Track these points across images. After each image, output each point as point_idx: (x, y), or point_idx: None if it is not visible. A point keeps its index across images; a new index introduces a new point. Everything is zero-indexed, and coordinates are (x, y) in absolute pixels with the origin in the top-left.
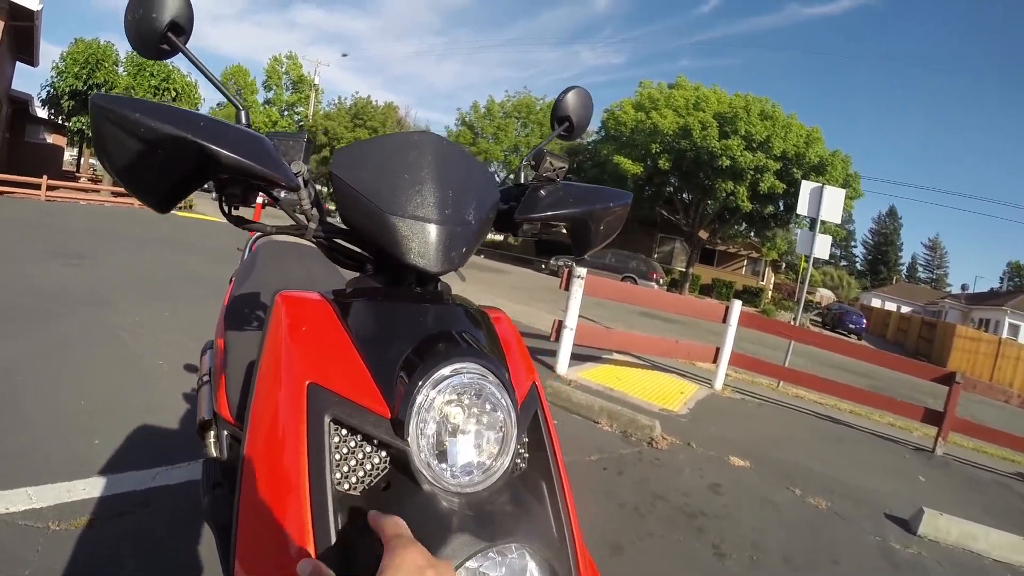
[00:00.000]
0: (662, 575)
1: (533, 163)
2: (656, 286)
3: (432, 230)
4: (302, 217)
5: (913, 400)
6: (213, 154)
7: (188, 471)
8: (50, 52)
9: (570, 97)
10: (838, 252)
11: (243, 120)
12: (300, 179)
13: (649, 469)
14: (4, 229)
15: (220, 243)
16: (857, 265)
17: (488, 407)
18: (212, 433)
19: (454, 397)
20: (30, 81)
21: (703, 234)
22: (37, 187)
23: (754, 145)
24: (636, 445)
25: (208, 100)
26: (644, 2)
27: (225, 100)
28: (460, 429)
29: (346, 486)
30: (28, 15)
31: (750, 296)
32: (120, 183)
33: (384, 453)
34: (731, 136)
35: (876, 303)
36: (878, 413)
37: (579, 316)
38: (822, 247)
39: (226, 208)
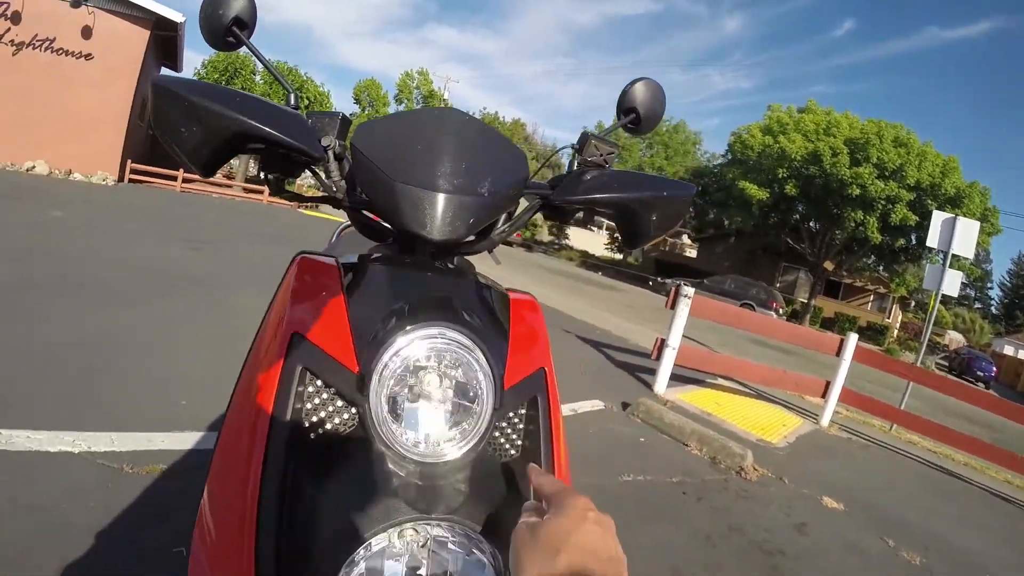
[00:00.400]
0: None
1: (578, 147)
2: (775, 316)
3: (437, 198)
4: (332, 186)
5: None
6: (244, 126)
7: None
8: (192, 60)
9: (638, 87)
10: (972, 293)
11: (291, 101)
12: (331, 152)
13: (732, 499)
14: (142, 215)
15: (324, 234)
16: (992, 308)
17: (466, 378)
18: None
19: (429, 362)
20: None
21: (828, 265)
22: (174, 179)
23: (886, 174)
24: (723, 473)
25: (342, 110)
26: (776, 26)
27: (358, 112)
28: (426, 395)
29: (310, 435)
30: (172, 26)
31: (874, 333)
32: (169, 147)
33: (352, 410)
34: (862, 163)
35: (1009, 351)
36: (995, 469)
37: (690, 339)
38: (952, 283)
39: (267, 177)
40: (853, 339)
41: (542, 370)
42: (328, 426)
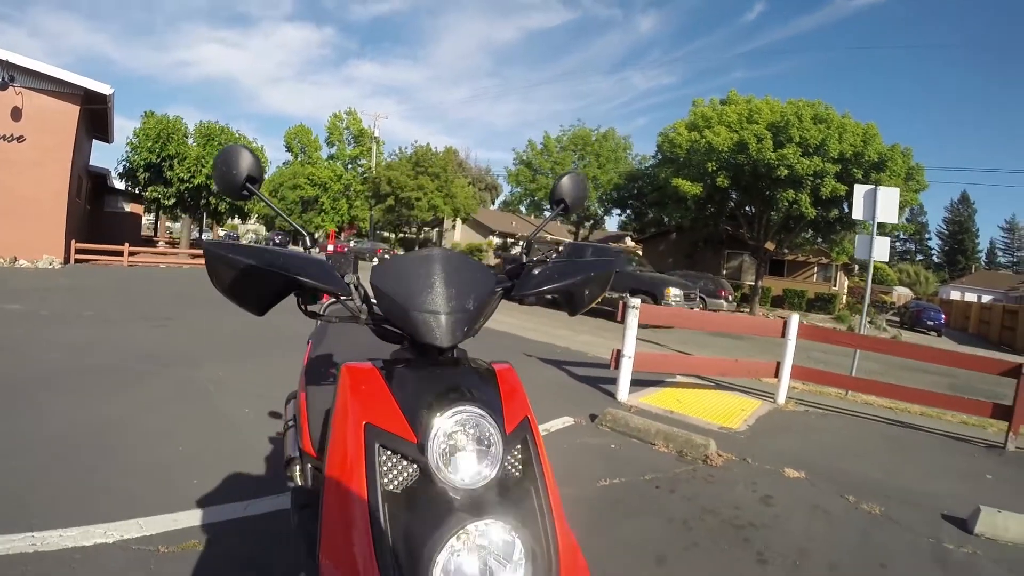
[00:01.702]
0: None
1: (526, 249)
2: (725, 303)
3: (441, 319)
4: (355, 310)
5: (996, 394)
6: (290, 280)
7: (273, 502)
8: (122, 126)
9: (565, 181)
10: (913, 247)
11: (308, 243)
12: (351, 286)
13: (701, 485)
14: (95, 295)
15: (286, 305)
16: (934, 258)
17: (482, 434)
18: (297, 467)
19: (459, 428)
20: (106, 155)
21: (770, 246)
22: (120, 254)
23: (810, 151)
24: (691, 463)
25: (274, 160)
26: (690, 17)
27: (290, 159)
28: (462, 448)
29: (391, 487)
30: (101, 99)
31: (823, 303)
32: (227, 297)
33: (415, 466)
34: (786, 145)
35: (956, 295)
36: (950, 413)
37: (652, 343)
38: (881, 250)
39: (303, 307)
40: (795, 319)
41: (526, 418)
42: (400, 479)
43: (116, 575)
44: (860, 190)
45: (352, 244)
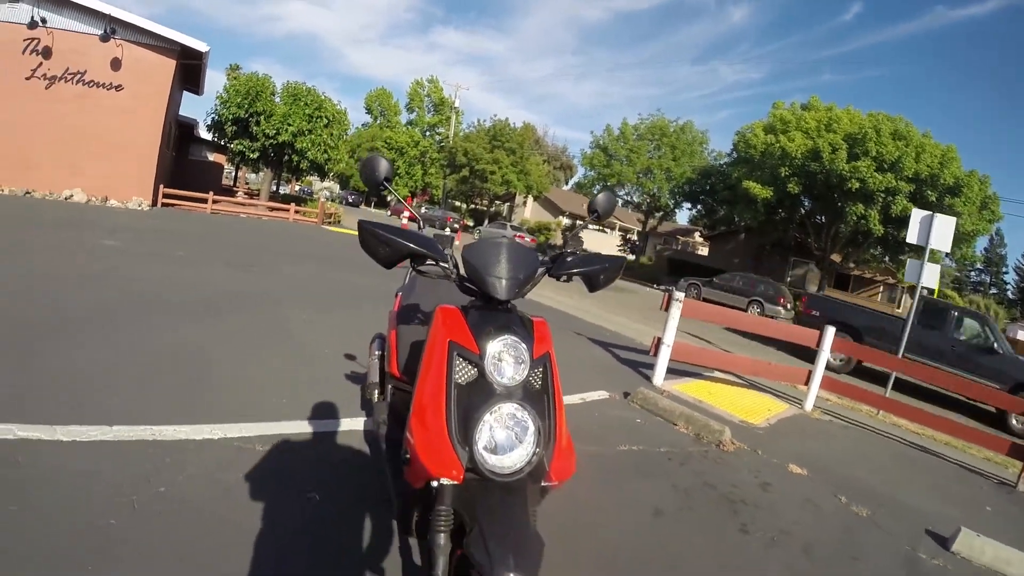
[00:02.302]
0: (684, 534)
1: (569, 239)
2: (783, 311)
3: (503, 282)
4: (449, 270)
5: None
6: (411, 250)
7: (347, 423)
8: (209, 77)
9: (600, 197)
10: (987, 279)
11: (422, 227)
12: (448, 254)
13: (709, 464)
14: (184, 237)
15: (352, 255)
16: (1008, 293)
17: (518, 353)
18: (378, 389)
19: (504, 348)
20: (193, 106)
21: (836, 258)
22: (204, 201)
23: (885, 167)
24: (705, 446)
25: (354, 121)
26: (783, 12)
27: (370, 121)
28: (504, 360)
29: (459, 380)
30: (197, 55)
31: None
32: (371, 256)
33: (476, 369)
34: (861, 158)
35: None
36: (976, 448)
37: (701, 339)
38: (931, 276)
39: (414, 267)
40: (831, 331)
41: (548, 353)
42: (465, 376)
43: (223, 463)
44: (917, 215)
45: (423, 211)
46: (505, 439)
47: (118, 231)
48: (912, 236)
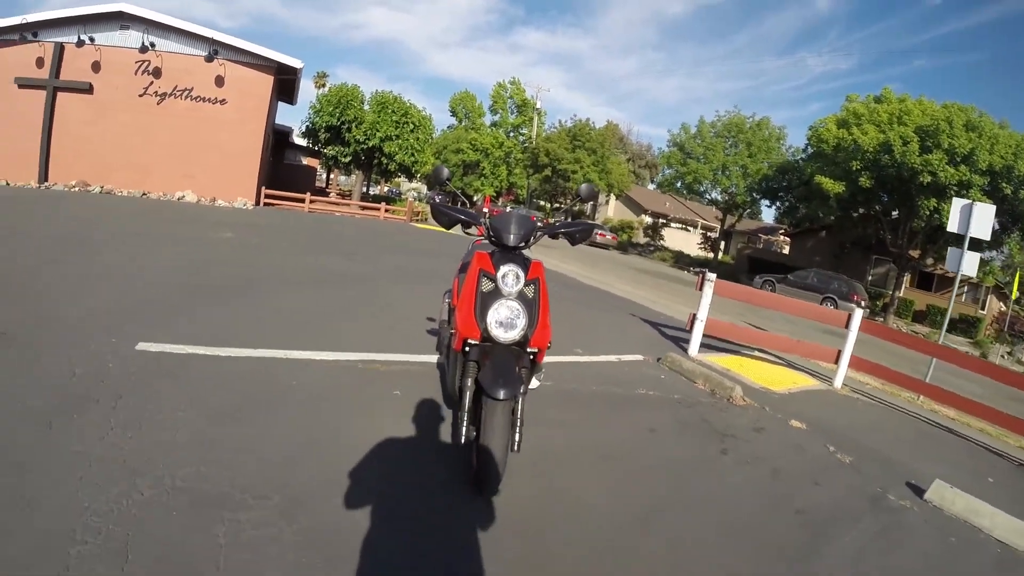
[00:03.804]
0: (669, 446)
1: (562, 213)
2: (857, 308)
3: (511, 236)
4: (484, 231)
5: None
6: (459, 219)
7: (427, 358)
8: (307, 91)
9: (583, 187)
10: None
11: (468, 205)
12: (482, 220)
13: (713, 411)
14: (287, 231)
15: (436, 246)
16: None
17: (518, 274)
18: (448, 329)
19: (510, 271)
20: (286, 114)
21: (915, 254)
22: (301, 200)
23: (957, 159)
24: (716, 399)
25: (439, 123)
26: (867, 2)
27: (455, 124)
28: (508, 277)
29: (483, 289)
30: (292, 71)
31: (966, 326)
32: (437, 222)
33: (493, 283)
34: (933, 150)
35: None
36: (1014, 437)
37: (751, 325)
38: (970, 265)
39: (465, 231)
40: (859, 313)
41: (537, 278)
42: (487, 287)
43: (336, 372)
44: (957, 204)
45: (508, 210)
46: (506, 319)
47: (231, 226)
48: (953, 225)
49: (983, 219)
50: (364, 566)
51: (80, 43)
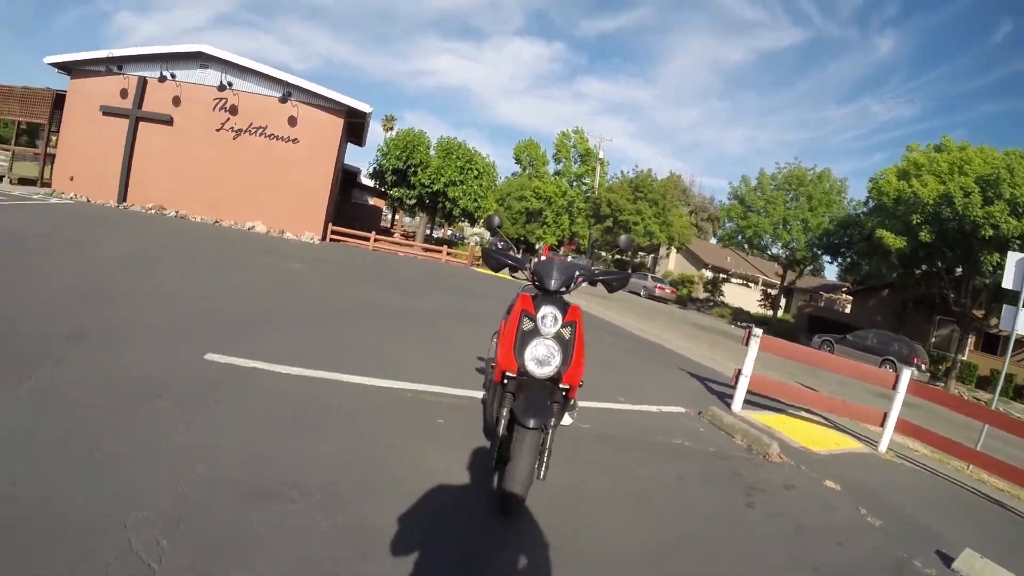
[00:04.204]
0: (696, 494)
1: (595, 262)
2: (917, 372)
3: (553, 281)
4: (529, 276)
5: None
6: (506, 263)
7: (473, 393)
8: (376, 134)
9: (622, 239)
10: None
11: (515, 248)
12: (527, 265)
13: (747, 466)
14: (354, 267)
15: (494, 291)
16: None
17: (556, 316)
18: (492, 364)
19: (548, 313)
20: (355, 154)
21: (979, 313)
22: (366, 239)
23: (1020, 210)
24: (752, 455)
25: (503, 169)
26: (931, 38)
27: (519, 172)
28: (547, 319)
29: (524, 329)
30: (361, 115)
31: None
32: (487, 266)
33: (533, 323)
34: (995, 201)
35: None
36: None
37: (803, 385)
38: None
39: (513, 275)
40: (907, 373)
41: (574, 321)
42: (528, 326)
43: (406, 402)
44: (1013, 257)
45: (569, 259)
46: (543, 357)
47: (299, 259)
48: (1008, 282)
49: None
50: (390, 561)
51: (162, 78)
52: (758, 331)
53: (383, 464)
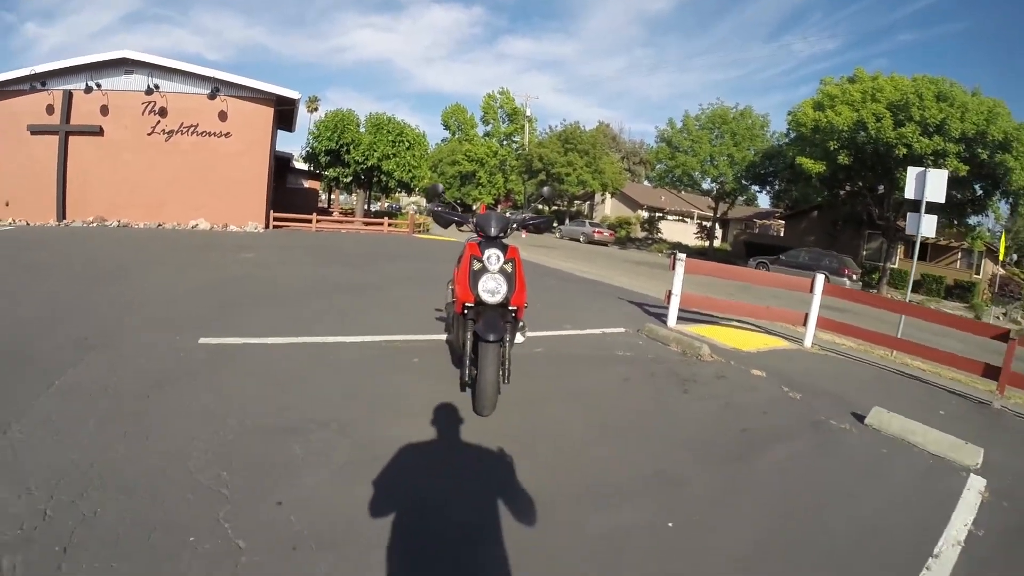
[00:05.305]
0: (639, 390)
1: (532, 204)
2: (848, 282)
3: (492, 228)
4: (470, 226)
5: None
6: (453, 220)
7: (438, 335)
8: (304, 119)
9: (545, 189)
10: None
11: (458, 209)
12: (470, 219)
13: (682, 365)
14: (301, 250)
15: (438, 253)
16: None
17: (498, 255)
18: (451, 303)
19: (492, 253)
20: (285, 140)
21: (902, 224)
22: (308, 221)
23: (930, 130)
24: (686, 357)
25: (433, 136)
26: None
27: (449, 137)
28: (491, 258)
29: (475, 268)
30: (291, 102)
31: (962, 291)
32: (437, 223)
33: (481, 263)
34: (906, 124)
35: None
36: (983, 382)
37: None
38: (928, 227)
39: (460, 228)
40: (820, 279)
41: (513, 259)
42: (477, 266)
43: (364, 348)
44: (912, 172)
45: (508, 215)
46: (492, 288)
47: (249, 248)
48: (909, 192)
49: (936, 184)
50: (397, 460)
51: (88, 89)
52: (681, 255)
53: (378, 395)
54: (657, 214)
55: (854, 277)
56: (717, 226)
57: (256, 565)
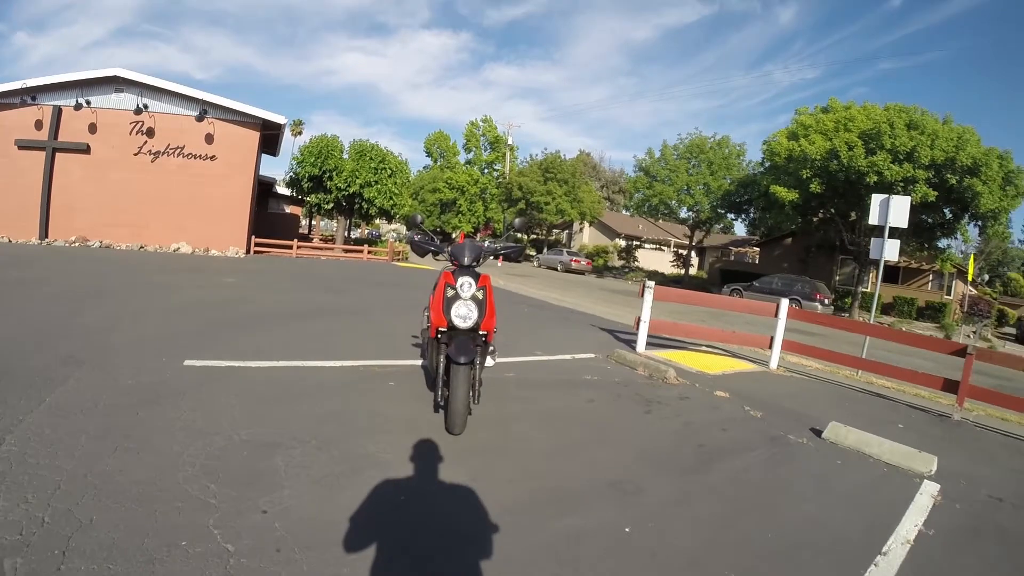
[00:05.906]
0: (603, 411)
1: (500, 240)
2: (820, 306)
3: (465, 258)
4: (445, 258)
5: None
6: (428, 250)
7: (415, 361)
8: (288, 145)
9: (516, 220)
10: None
11: (436, 240)
12: (446, 252)
13: (648, 388)
14: (281, 275)
15: (416, 281)
16: None
17: (471, 283)
18: (426, 328)
19: (465, 281)
20: (268, 164)
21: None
22: (289, 247)
23: (901, 157)
24: (652, 381)
25: (414, 163)
26: (830, 11)
27: (431, 164)
28: (464, 286)
29: (448, 296)
30: (276, 126)
31: (933, 312)
32: (415, 253)
33: (454, 291)
34: (877, 152)
35: None
36: (946, 396)
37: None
38: (891, 251)
39: (436, 258)
40: (784, 303)
41: (484, 286)
42: (450, 293)
43: (344, 373)
44: (876, 199)
45: (486, 244)
46: (464, 314)
47: (231, 272)
48: (873, 218)
49: (900, 210)
50: (376, 471)
51: (78, 106)
52: (651, 283)
53: (354, 416)
54: (634, 243)
55: (826, 302)
56: (693, 254)
57: (244, 566)
